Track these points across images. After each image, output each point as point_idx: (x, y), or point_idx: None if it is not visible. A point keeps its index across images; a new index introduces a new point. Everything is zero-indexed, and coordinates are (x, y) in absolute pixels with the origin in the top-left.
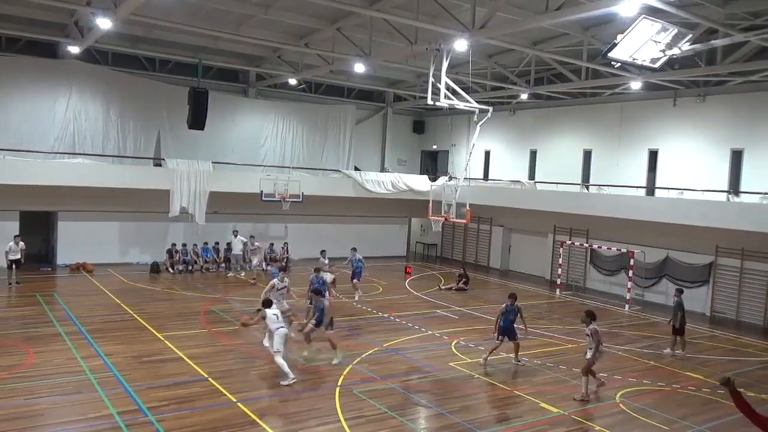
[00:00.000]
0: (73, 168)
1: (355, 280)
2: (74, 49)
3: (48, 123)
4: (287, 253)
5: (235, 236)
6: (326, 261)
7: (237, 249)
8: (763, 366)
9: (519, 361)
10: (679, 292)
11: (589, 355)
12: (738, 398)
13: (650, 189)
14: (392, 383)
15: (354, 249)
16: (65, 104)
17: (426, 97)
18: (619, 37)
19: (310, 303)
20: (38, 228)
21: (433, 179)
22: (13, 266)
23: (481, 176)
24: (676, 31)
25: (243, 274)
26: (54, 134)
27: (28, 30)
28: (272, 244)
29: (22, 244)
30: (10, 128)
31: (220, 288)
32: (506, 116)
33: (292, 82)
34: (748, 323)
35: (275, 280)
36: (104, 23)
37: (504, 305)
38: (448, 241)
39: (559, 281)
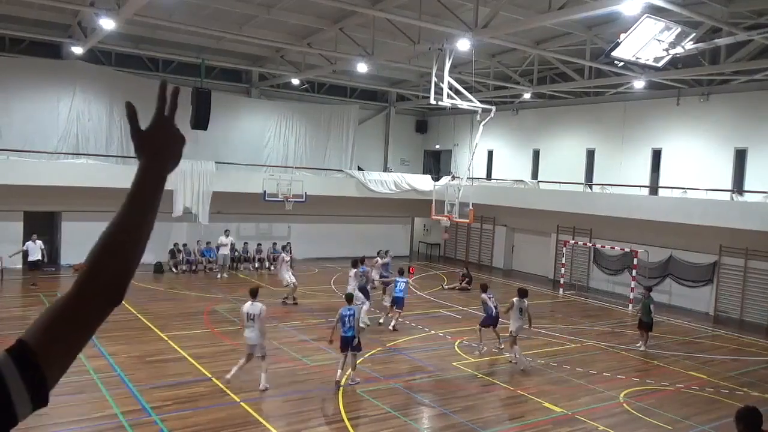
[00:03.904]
0: (77, 168)
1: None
2: (77, 50)
3: (51, 123)
4: (290, 253)
5: (227, 236)
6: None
7: (224, 249)
8: (766, 365)
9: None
10: (648, 290)
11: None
12: None
13: (653, 188)
14: (395, 383)
15: (401, 272)
16: (69, 105)
17: (429, 97)
18: (623, 36)
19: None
20: (42, 228)
21: (436, 179)
22: (35, 267)
23: (484, 176)
24: (679, 30)
25: (220, 276)
26: (58, 135)
27: (31, 31)
28: (275, 244)
29: (39, 242)
30: (14, 129)
31: (223, 288)
32: (509, 116)
33: (295, 82)
34: (752, 323)
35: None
36: (107, 24)
37: None
38: (451, 240)
39: (562, 281)
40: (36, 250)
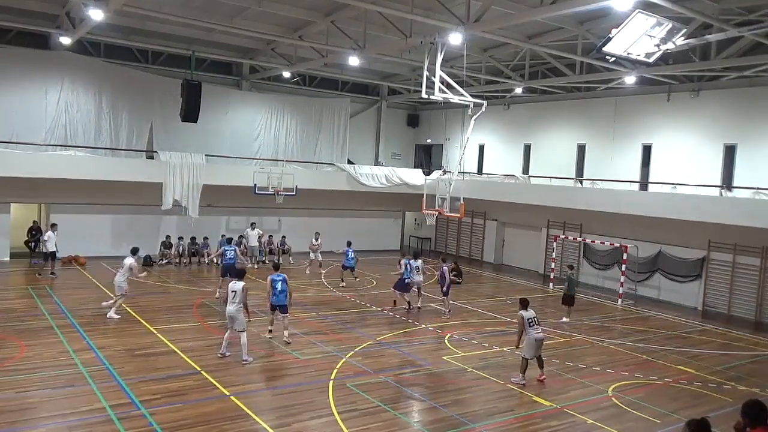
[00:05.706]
0: (65, 160)
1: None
2: (66, 41)
3: (39, 115)
4: (284, 245)
5: (253, 228)
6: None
7: (253, 241)
8: (753, 359)
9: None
10: (569, 267)
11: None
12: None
13: (644, 184)
14: (385, 377)
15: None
16: (57, 96)
17: (420, 91)
18: (614, 31)
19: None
20: (29, 221)
21: (428, 173)
22: (50, 258)
23: (476, 170)
24: (670, 25)
25: (256, 267)
26: (46, 126)
27: (19, 21)
28: (271, 236)
29: (51, 233)
30: (1, 120)
31: (213, 281)
32: (500, 110)
33: (286, 74)
34: (740, 317)
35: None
36: (96, 14)
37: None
38: (442, 235)
39: (552, 275)
40: (52, 241)
